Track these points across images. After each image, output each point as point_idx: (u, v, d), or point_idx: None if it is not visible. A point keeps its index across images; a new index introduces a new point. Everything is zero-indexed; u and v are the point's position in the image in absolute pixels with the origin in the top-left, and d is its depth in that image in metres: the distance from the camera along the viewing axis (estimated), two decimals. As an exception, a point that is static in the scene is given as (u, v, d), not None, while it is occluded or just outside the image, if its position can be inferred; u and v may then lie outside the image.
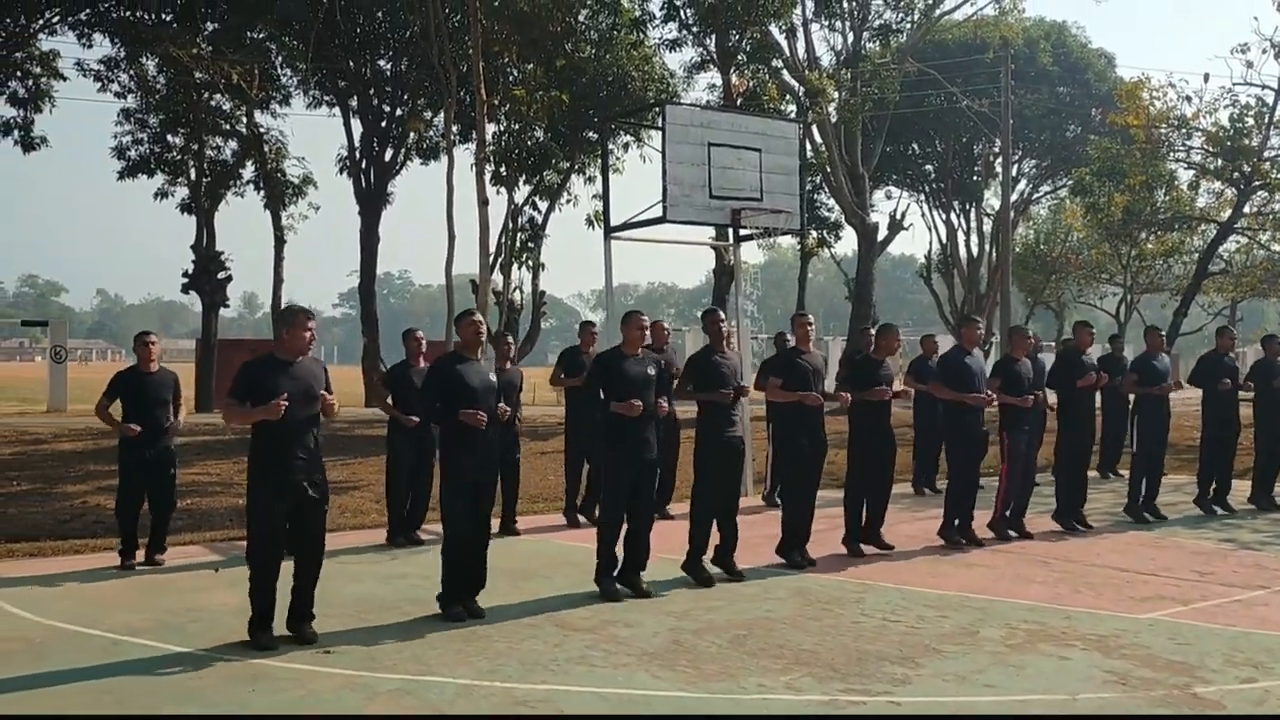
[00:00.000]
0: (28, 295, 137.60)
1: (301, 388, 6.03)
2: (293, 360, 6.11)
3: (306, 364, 6.17)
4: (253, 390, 5.98)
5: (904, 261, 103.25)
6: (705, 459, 7.74)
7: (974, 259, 37.33)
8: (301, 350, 6.13)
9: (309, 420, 6.10)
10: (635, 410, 7.04)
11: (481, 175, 17.70)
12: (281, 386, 5.95)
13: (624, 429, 7.11)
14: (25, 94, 23.33)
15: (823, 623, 6.56)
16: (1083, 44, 36.13)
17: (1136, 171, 24.60)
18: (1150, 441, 10.80)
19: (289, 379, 6.01)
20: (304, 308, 6.27)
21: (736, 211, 11.92)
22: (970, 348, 9.31)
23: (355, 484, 12.74)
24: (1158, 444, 10.85)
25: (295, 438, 6.01)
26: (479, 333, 6.84)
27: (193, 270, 27.79)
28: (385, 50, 25.92)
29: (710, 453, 7.71)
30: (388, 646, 6.00)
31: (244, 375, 6.07)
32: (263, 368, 6.07)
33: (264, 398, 5.92)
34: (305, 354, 6.16)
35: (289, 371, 6.06)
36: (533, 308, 26.71)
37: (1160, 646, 6.07)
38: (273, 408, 5.87)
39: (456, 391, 6.58)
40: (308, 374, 6.12)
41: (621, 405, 7.04)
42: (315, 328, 6.24)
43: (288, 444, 5.99)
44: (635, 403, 7.04)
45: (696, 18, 22.22)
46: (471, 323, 6.84)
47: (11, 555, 8.59)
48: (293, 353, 6.12)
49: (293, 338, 6.12)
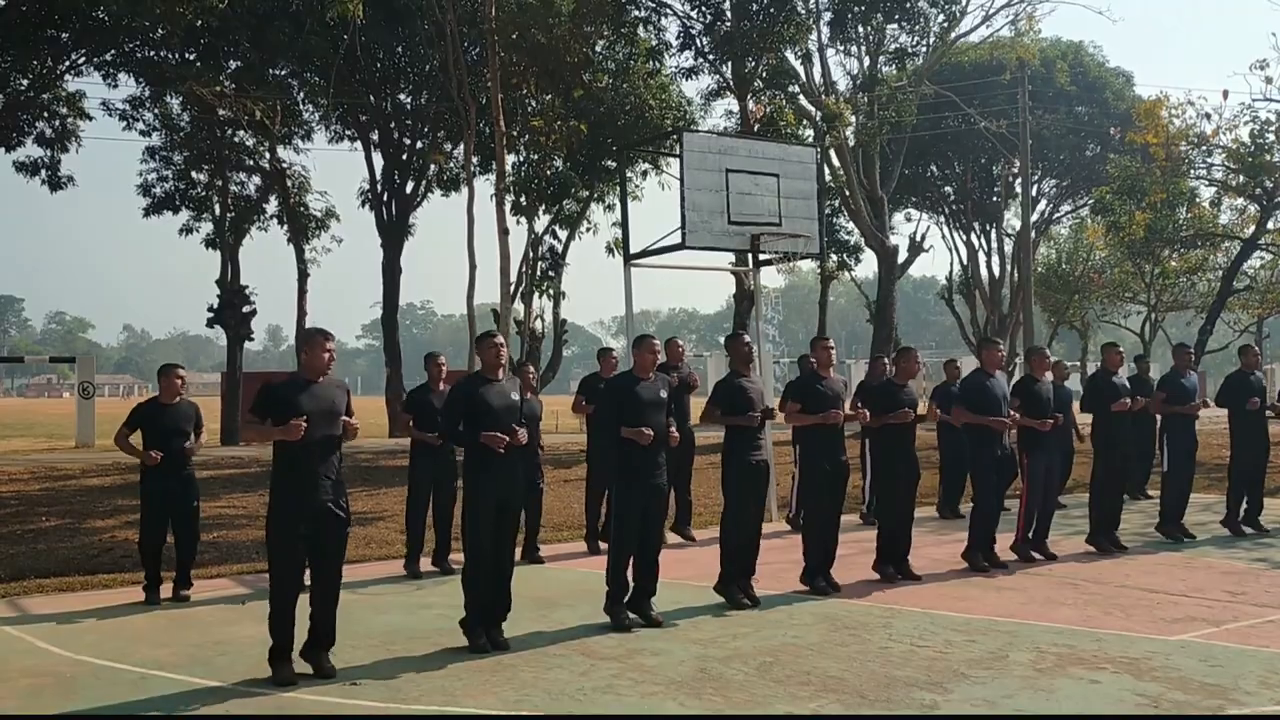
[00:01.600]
0: (56, 332, 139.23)
1: (322, 408, 6.04)
2: (314, 380, 6.15)
3: (328, 385, 6.20)
4: (272, 408, 6.02)
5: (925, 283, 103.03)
6: (731, 482, 7.74)
7: (996, 280, 37.20)
8: (321, 369, 6.15)
9: (329, 441, 6.10)
10: (646, 438, 7.03)
11: (501, 205, 17.83)
12: (301, 405, 5.97)
13: (634, 454, 7.11)
14: (52, 134, 23.70)
15: (850, 649, 6.52)
16: (1100, 63, 36.09)
17: (1157, 189, 24.51)
18: (1181, 460, 10.70)
19: (309, 398, 6.03)
20: (322, 328, 6.30)
21: (755, 236, 11.96)
22: (992, 370, 9.25)
23: (380, 514, 12.78)
24: (1188, 462, 10.74)
25: (316, 458, 6.01)
26: (500, 354, 6.85)
27: (218, 304, 28.05)
28: (405, 84, 26.22)
29: (736, 476, 7.72)
30: (414, 677, 6.00)
31: (264, 393, 6.13)
32: (284, 386, 6.12)
33: (283, 415, 5.95)
34: (326, 373, 6.19)
35: (309, 391, 6.08)
36: (554, 336, 26.80)
37: (1193, 669, 5.99)
38: (291, 428, 5.89)
39: (478, 413, 6.58)
40: (328, 395, 6.14)
41: (632, 432, 7.04)
42: (334, 348, 6.26)
43: (308, 464, 5.99)
44: (646, 431, 7.04)
45: (712, 45, 22.36)
46: (492, 344, 6.84)
47: (41, 590, 8.65)
48: (313, 372, 6.15)
49: (311, 357, 6.15)
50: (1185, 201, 26.67)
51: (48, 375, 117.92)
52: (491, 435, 6.51)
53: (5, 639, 7.05)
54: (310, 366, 6.17)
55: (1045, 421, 9.28)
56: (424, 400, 9.24)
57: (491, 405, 6.61)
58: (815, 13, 23.63)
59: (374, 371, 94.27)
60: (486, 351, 6.85)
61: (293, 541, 6.01)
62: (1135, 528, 11.14)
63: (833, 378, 8.36)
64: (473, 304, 19.05)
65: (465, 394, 6.69)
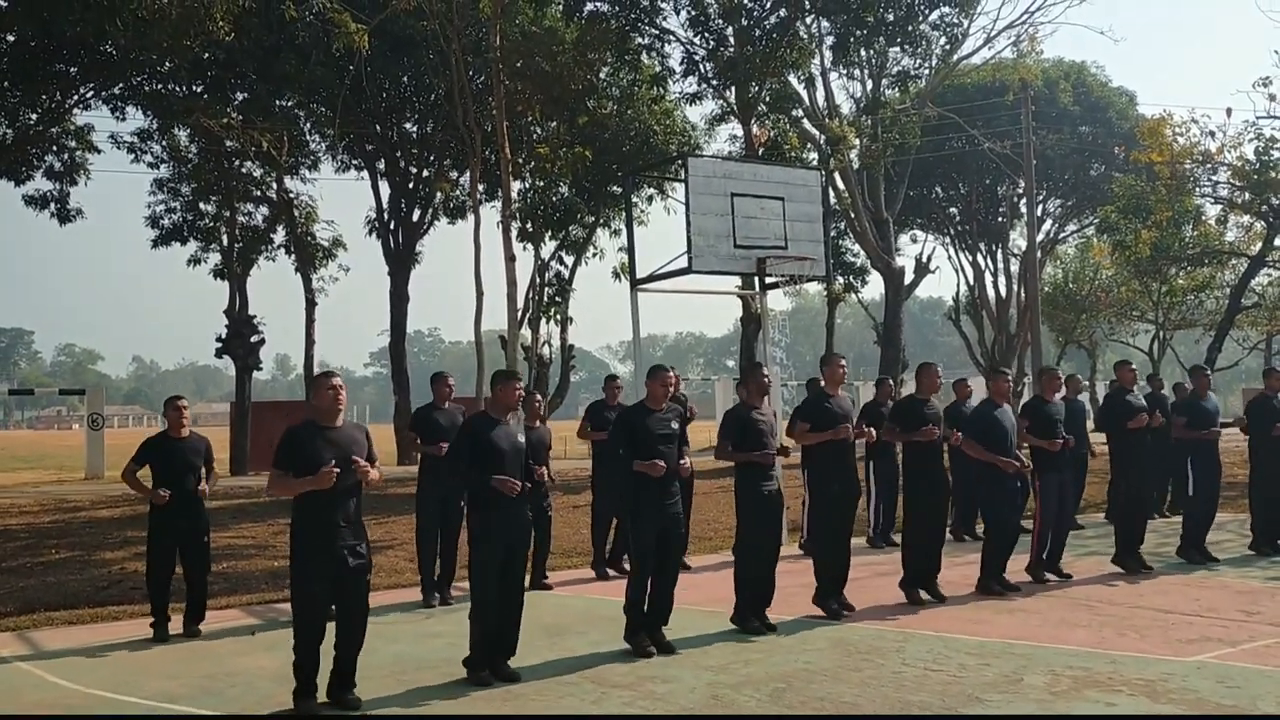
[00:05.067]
0: (65, 364, 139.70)
1: (343, 455, 5.98)
2: (332, 425, 6.09)
3: (348, 430, 6.15)
4: (295, 458, 5.95)
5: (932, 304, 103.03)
6: (745, 514, 7.71)
7: (1003, 300, 37.17)
8: (329, 410, 6.10)
9: (351, 487, 6.04)
10: (658, 471, 7.01)
11: (508, 232, 17.86)
12: (324, 454, 5.90)
13: (647, 485, 7.08)
14: (61, 167, 23.88)
15: (863, 673, 6.47)
16: (1103, 83, 36.18)
17: (1162, 207, 24.49)
18: (1205, 484, 10.57)
19: (329, 445, 5.97)
20: (327, 370, 6.25)
21: (761, 260, 11.97)
22: (1000, 401, 9.17)
23: (390, 543, 12.76)
24: (1213, 486, 10.62)
25: (337, 505, 5.96)
26: (517, 399, 6.83)
27: (226, 334, 28.16)
28: (411, 113, 26.37)
29: (749, 507, 7.69)
30: (424, 707, 5.97)
31: (286, 443, 6.03)
32: (304, 435, 6.04)
33: (306, 465, 5.90)
34: (335, 412, 6.12)
35: (328, 436, 6.02)
36: (561, 361, 26.82)
37: (1209, 690, 5.94)
38: (322, 477, 5.82)
39: (486, 454, 6.54)
40: (349, 440, 6.08)
41: (644, 465, 7.01)
42: (339, 384, 6.18)
43: (330, 512, 5.94)
44: (659, 463, 7.02)
45: (716, 71, 22.46)
46: (514, 387, 6.78)
47: (51, 623, 8.64)
48: (324, 416, 6.11)
49: (318, 399, 6.12)
50: (1191, 219, 26.64)
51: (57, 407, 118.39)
52: (502, 480, 6.47)
53: (15, 673, 7.04)
54: (319, 410, 6.11)
55: (1055, 442, 9.24)
56: (430, 418, 9.24)
57: (501, 449, 6.57)
58: (818, 37, 23.75)
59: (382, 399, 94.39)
60: (508, 393, 6.76)
61: (315, 589, 5.96)
62: (1149, 548, 11.02)
63: (841, 396, 8.34)
64: (480, 331, 19.07)
65: (475, 435, 6.65)
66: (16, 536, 14.27)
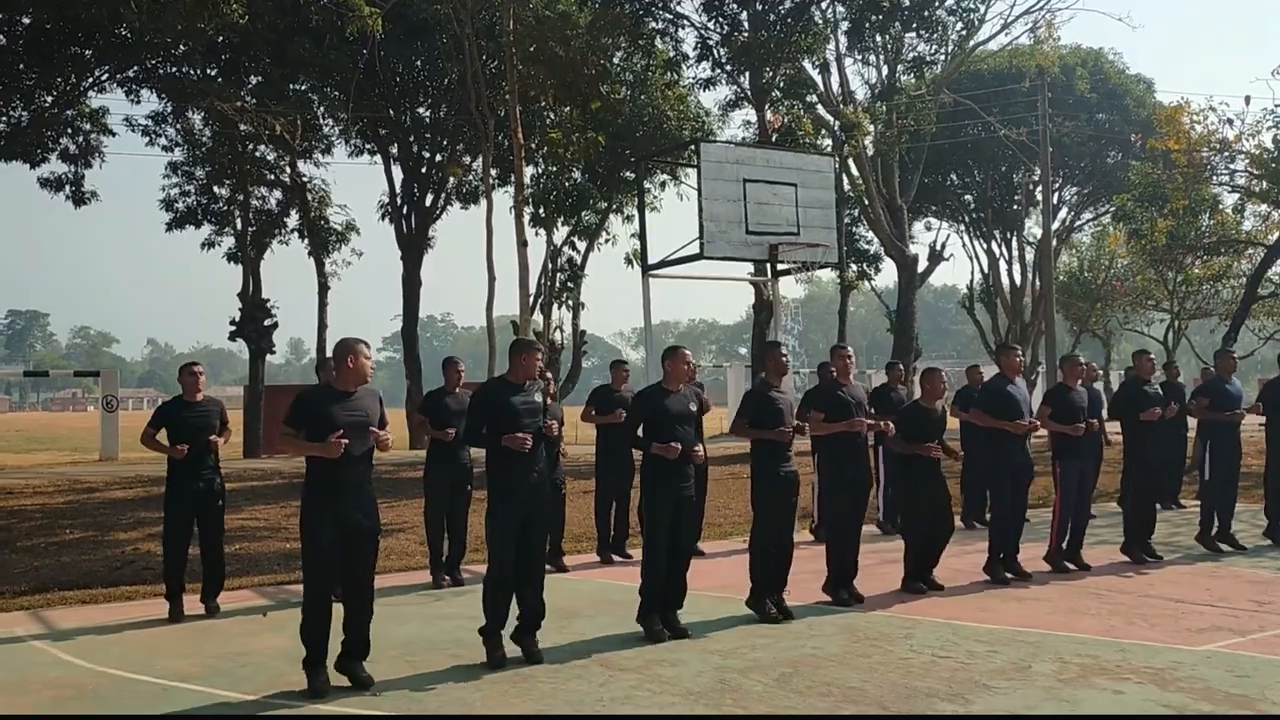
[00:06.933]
0: (80, 346, 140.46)
1: (357, 420, 6.01)
2: (349, 391, 6.10)
3: (363, 397, 6.15)
4: (307, 420, 6.00)
5: (946, 292, 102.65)
6: (761, 496, 7.71)
7: (1017, 288, 36.99)
8: (363, 380, 6.10)
9: (363, 454, 6.08)
10: (674, 453, 7.01)
11: (520, 217, 17.89)
12: (336, 418, 5.94)
13: (664, 467, 7.10)
14: (76, 150, 23.96)
15: (871, 659, 6.48)
16: (1120, 70, 35.89)
17: (1179, 196, 24.30)
18: (1225, 468, 10.52)
19: (344, 410, 6.00)
20: (359, 338, 6.18)
21: (774, 246, 11.95)
22: (1012, 376, 9.17)
23: (400, 526, 12.81)
24: (1232, 470, 10.56)
25: (349, 473, 5.99)
26: (537, 367, 6.81)
27: (239, 318, 28.26)
28: (424, 98, 26.38)
29: (765, 489, 7.69)
30: (433, 688, 6.00)
31: (299, 404, 6.08)
32: (318, 397, 6.09)
33: (318, 427, 5.93)
34: (362, 381, 6.11)
35: (345, 403, 6.04)
36: (573, 347, 26.83)
37: (1219, 679, 5.92)
38: (331, 446, 5.86)
39: (502, 417, 6.53)
40: (363, 406, 6.10)
41: (660, 448, 7.01)
42: (372, 356, 6.16)
43: (341, 479, 5.97)
44: (675, 445, 7.01)
45: (730, 56, 22.39)
46: (535, 357, 6.75)
47: (64, 602, 8.71)
48: (349, 383, 6.11)
49: (356, 367, 6.07)
50: (1208, 208, 26.42)
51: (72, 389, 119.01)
52: (514, 436, 6.46)
53: (29, 651, 7.10)
54: (347, 376, 6.07)
55: (1078, 426, 9.21)
56: (440, 403, 9.27)
57: (517, 409, 6.57)
58: (833, 22, 23.61)
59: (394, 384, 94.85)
60: (529, 361, 6.73)
61: (325, 555, 5.99)
62: (1160, 537, 10.98)
63: (853, 385, 8.33)
64: (492, 316, 19.11)
65: (491, 398, 6.66)
66: (31, 517, 14.38)
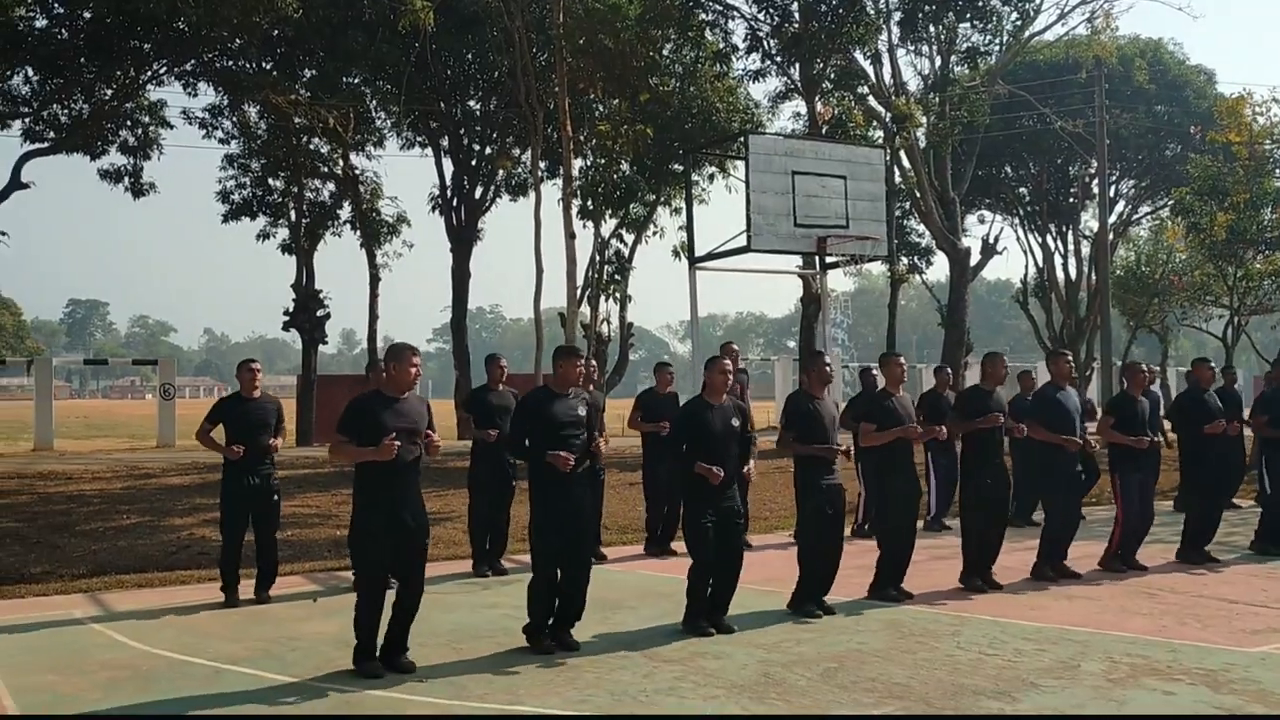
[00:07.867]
0: (139, 335, 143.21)
1: (408, 425, 6.11)
2: (399, 397, 6.19)
3: (412, 401, 6.25)
4: (360, 426, 6.08)
5: (999, 286, 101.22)
6: (808, 509, 7.66)
7: (1072, 283, 36.38)
8: (409, 386, 6.21)
9: (413, 459, 6.17)
10: (717, 479, 6.94)
11: (568, 210, 17.93)
12: (388, 424, 6.02)
13: (707, 489, 6.99)
14: (135, 142, 24.36)
15: (917, 656, 6.43)
16: (1180, 61, 35.14)
17: (1240, 189, 23.79)
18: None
19: (395, 415, 6.09)
20: (409, 344, 6.29)
21: (822, 239, 11.88)
22: (1062, 383, 8.98)
23: (448, 515, 12.93)
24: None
25: (399, 476, 6.08)
26: (579, 376, 6.82)
27: (293, 308, 28.63)
28: (474, 91, 26.49)
29: (813, 503, 7.63)
30: (478, 677, 6.06)
31: (352, 412, 6.16)
32: (371, 404, 6.17)
33: (371, 434, 6.02)
34: (410, 386, 6.24)
35: (395, 408, 6.13)
36: (620, 339, 26.85)
37: (1273, 681, 5.81)
38: (385, 449, 5.95)
39: (544, 428, 6.56)
40: (413, 411, 6.20)
41: (704, 469, 6.93)
42: (420, 363, 6.31)
43: (392, 481, 6.07)
44: (716, 471, 6.92)
45: (780, 48, 22.23)
46: (576, 365, 6.74)
47: (121, 586, 8.91)
48: (399, 388, 6.20)
49: (400, 373, 6.17)
50: (1270, 202, 25.83)
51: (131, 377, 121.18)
52: (556, 455, 6.46)
53: (86, 633, 7.28)
54: (398, 382, 6.19)
55: (1141, 439, 9.03)
56: (484, 400, 9.38)
57: (560, 421, 6.58)
58: (885, 12, 23.34)
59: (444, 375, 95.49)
60: (572, 370, 6.73)
61: (376, 558, 6.12)
62: (1215, 537, 10.79)
63: (901, 395, 8.20)
64: (540, 308, 19.19)
65: (532, 407, 6.69)
66: (90, 502, 14.70)
